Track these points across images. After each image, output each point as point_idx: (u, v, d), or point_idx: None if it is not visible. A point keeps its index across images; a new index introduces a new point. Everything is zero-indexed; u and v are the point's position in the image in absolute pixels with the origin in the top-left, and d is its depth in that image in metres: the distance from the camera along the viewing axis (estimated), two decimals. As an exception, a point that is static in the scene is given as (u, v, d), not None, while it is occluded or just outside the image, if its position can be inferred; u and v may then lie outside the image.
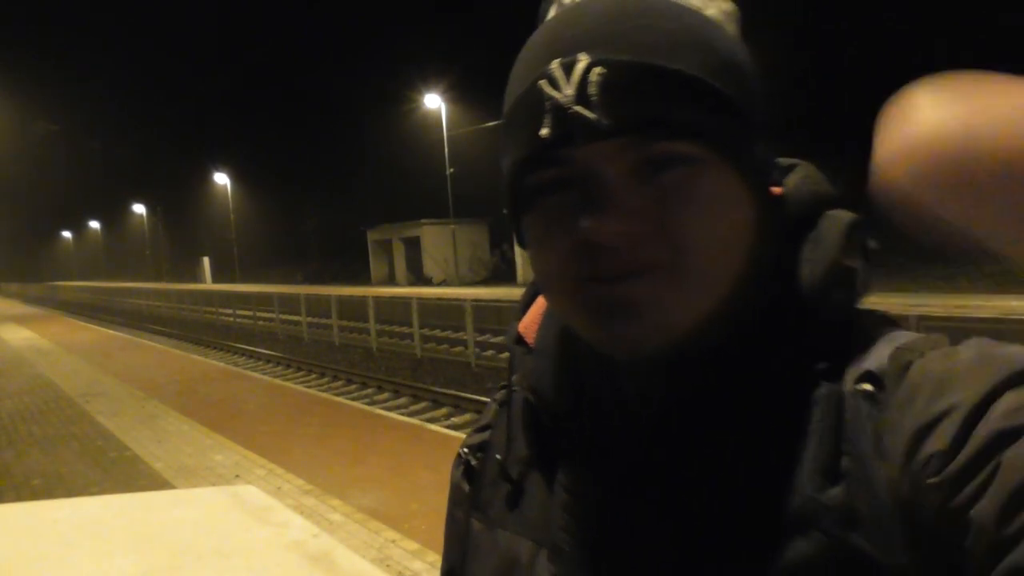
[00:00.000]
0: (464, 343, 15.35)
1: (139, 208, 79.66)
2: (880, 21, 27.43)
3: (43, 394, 10.71)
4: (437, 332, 17.31)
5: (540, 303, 0.62)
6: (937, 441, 0.39)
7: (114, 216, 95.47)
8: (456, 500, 0.66)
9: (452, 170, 32.55)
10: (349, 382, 13.72)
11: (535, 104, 0.46)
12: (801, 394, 0.47)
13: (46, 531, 3.86)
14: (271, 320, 23.90)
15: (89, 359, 14.76)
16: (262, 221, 62.52)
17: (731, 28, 0.50)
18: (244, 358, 18.19)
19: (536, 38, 0.49)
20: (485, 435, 0.66)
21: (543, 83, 0.45)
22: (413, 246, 36.27)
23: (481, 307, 15.44)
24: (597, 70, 0.44)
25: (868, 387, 0.45)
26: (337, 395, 11.71)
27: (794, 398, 0.47)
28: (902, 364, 0.44)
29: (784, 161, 0.55)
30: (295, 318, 22.32)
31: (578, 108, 0.44)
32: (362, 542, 4.53)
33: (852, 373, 0.46)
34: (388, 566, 4.15)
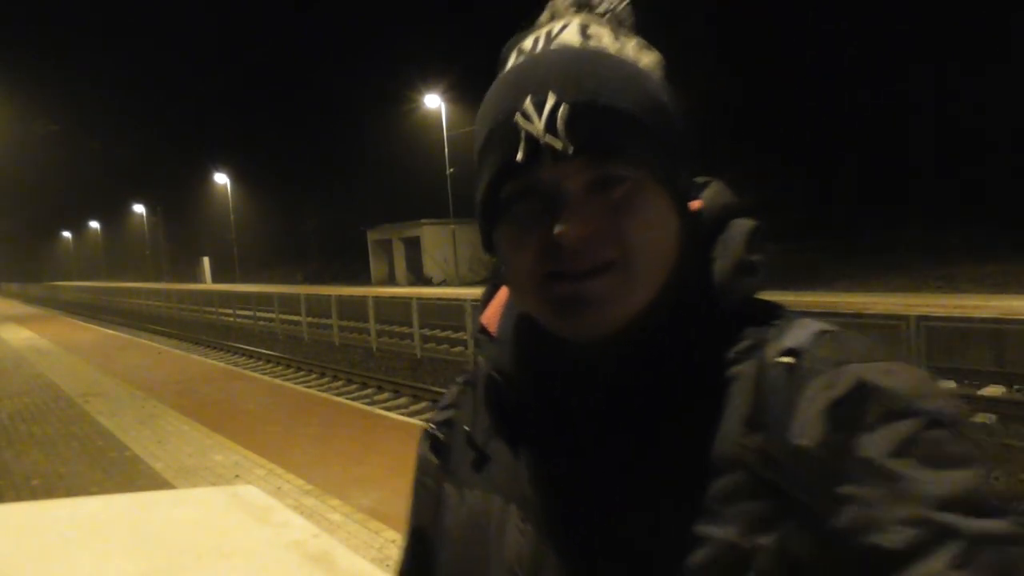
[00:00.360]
0: (464, 343, 15.36)
1: (139, 208, 79.73)
2: (880, 21, 27.42)
3: (43, 394, 10.71)
4: (437, 332, 17.32)
5: (498, 299, 0.72)
6: (835, 426, 0.51)
7: (114, 216, 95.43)
8: (424, 470, 0.77)
9: (452, 170, 32.58)
10: (349, 382, 13.73)
11: (510, 133, 0.56)
12: (729, 364, 0.58)
13: (46, 531, 3.86)
14: (271, 320, 23.91)
15: (89, 359, 14.76)
16: (262, 221, 62.50)
17: (659, 74, 0.62)
18: (244, 358, 18.20)
19: (506, 78, 0.60)
20: (449, 413, 0.76)
21: (518, 117, 0.56)
22: (413, 246, 36.28)
23: (481, 307, 15.39)
24: (563, 107, 0.55)
25: (789, 360, 0.56)
26: (337, 395, 11.71)
27: (722, 368, 0.58)
28: (833, 360, 0.55)
29: (700, 179, 0.67)
30: (295, 318, 22.33)
31: (548, 138, 0.55)
32: (362, 542, 4.53)
33: (773, 347, 0.58)
34: (388, 566, 4.15)
